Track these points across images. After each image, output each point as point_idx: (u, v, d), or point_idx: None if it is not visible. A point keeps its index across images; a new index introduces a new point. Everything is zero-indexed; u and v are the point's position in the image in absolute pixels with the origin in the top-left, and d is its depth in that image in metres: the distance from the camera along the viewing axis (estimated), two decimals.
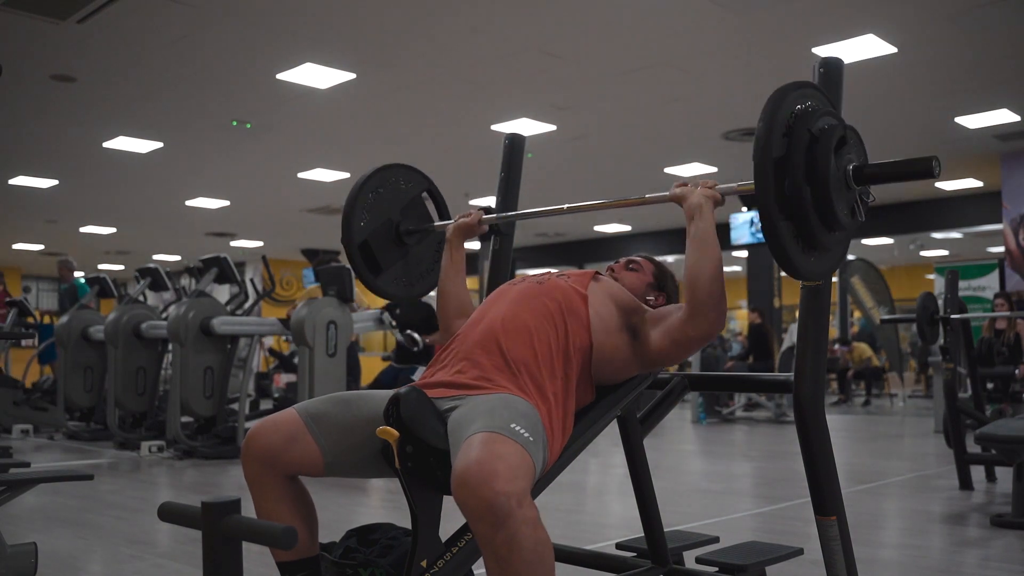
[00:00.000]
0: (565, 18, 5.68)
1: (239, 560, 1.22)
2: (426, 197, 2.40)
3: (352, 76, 6.73)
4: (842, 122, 1.63)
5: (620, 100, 7.48)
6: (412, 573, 1.56)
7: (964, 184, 11.18)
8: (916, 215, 12.52)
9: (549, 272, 1.99)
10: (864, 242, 14.87)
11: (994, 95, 7.51)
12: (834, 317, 13.79)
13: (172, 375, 6.26)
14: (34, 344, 9.63)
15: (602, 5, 5.48)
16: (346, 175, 10.29)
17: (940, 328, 4.84)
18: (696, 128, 8.47)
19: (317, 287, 7.07)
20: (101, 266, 17.91)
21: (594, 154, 9.47)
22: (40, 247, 16.41)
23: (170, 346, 6.47)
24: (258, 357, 12.32)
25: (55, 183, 10.64)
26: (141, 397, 6.92)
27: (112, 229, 14.40)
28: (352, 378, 7.32)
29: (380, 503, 4.45)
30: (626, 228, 14.89)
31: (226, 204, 12.20)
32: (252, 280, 7.68)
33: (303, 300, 6.38)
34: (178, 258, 18.04)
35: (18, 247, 16.36)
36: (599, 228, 14.96)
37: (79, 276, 8.88)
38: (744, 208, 11.85)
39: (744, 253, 12.39)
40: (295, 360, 8.35)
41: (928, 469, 5.56)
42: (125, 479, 5.20)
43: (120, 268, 18.97)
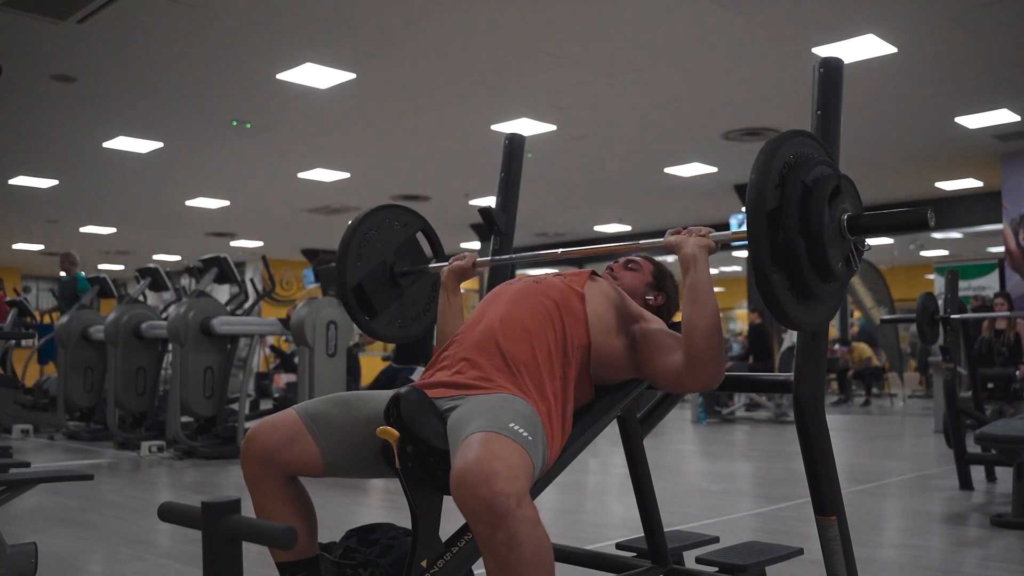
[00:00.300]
0: (565, 18, 5.68)
1: (239, 560, 1.22)
2: (421, 237, 2.38)
3: (352, 76, 6.73)
4: (836, 171, 1.62)
5: (620, 100, 7.48)
6: (412, 573, 1.56)
7: (964, 184, 11.18)
8: None
9: (547, 273, 1.99)
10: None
11: (994, 95, 7.51)
12: (834, 317, 13.78)
13: (172, 375, 6.27)
14: (34, 344, 9.63)
15: (602, 5, 5.48)
16: (346, 175, 10.29)
17: (940, 328, 4.84)
18: (696, 128, 8.47)
19: (317, 287, 7.07)
20: (101, 266, 17.91)
21: (594, 154, 9.47)
22: (40, 247, 16.41)
23: (170, 346, 6.47)
24: (258, 357, 12.33)
25: (55, 183, 10.64)
26: (141, 397, 6.93)
27: (112, 229, 14.41)
28: (352, 378, 7.33)
29: (380, 503, 4.45)
30: (626, 228, 14.89)
31: (226, 204, 12.20)
32: (252, 280, 7.68)
33: (303, 300, 6.38)
34: (178, 258, 18.04)
35: (18, 247, 16.36)
36: (599, 228, 14.96)
37: (81, 273, 8.87)
38: (744, 208, 11.84)
39: (744, 253, 12.40)
40: (296, 359, 8.36)
41: (928, 469, 5.56)
42: (125, 479, 5.20)
43: (120, 268, 18.97)
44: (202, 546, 1.21)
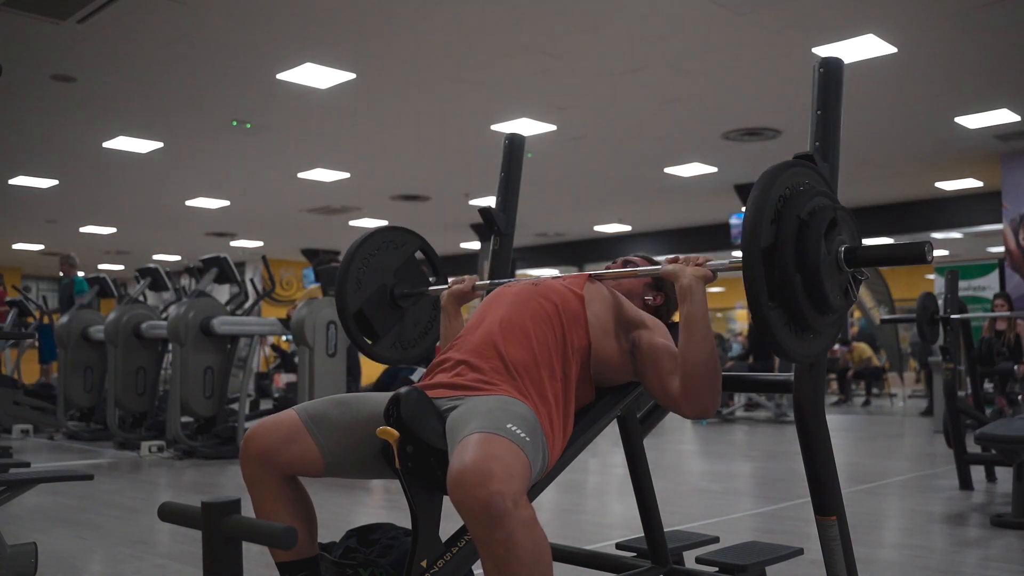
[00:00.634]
0: (565, 18, 5.68)
1: (239, 560, 1.22)
2: (420, 257, 2.38)
3: (352, 76, 6.73)
4: (834, 201, 1.61)
5: (620, 100, 7.48)
6: (412, 573, 1.56)
7: (964, 184, 11.18)
8: (916, 215, 12.51)
9: (546, 275, 1.99)
10: (864, 242, 14.81)
11: (994, 95, 7.51)
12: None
13: (172, 375, 6.27)
14: (34, 344, 9.63)
15: (602, 5, 5.48)
16: (346, 175, 10.29)
17: (940, 328, 4.84)
18: (696, 128, 8.47)
19: (317, 287, 7.07)
20: (101, 266, 17.91)
21: (594, 154, 9.47)
22: (40, 247, 16.41)
23: (170, 346, 6.47)
24: (258, 357, 12.33)
25: (55, 183, 10.64)
26: (141, 397, 6.93)
27: (112, 229, 14.41)
28: (352, 378, 7.33)
29: (380, 503, 4.45)
30: (626, 228, 14.89)
31: (226, 204, 12.20)
32: (252, 280, 7.68)
33: (303, 300, 6.38)
34: (178, 258, 18.04)
35: (18, 247, 16.36)
36: (599, 228, 14.96)
37: (80, 275, 8.87)
38: (744, 208, 11.84)
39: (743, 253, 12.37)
40: (296, 359, 8.36)
41: (928, 469, 5.56)
42: (125, 479, 5.20)
43: (120, 268, 18.97)
44: (202, 546, 1.21)
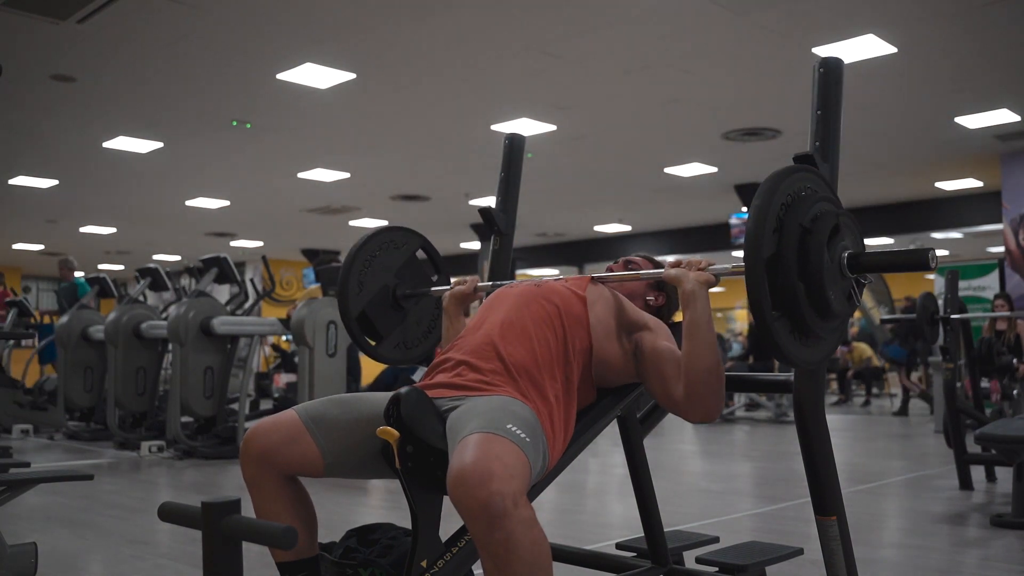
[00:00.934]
0: (565, 18, 5.67)
1: (239, 560, 1.22)
2: (422, 255, 2.38)
3: (352, 76, 6.73)
4: (836, 207, 1.61)
5: (620, 100, 7.48)
6: (412, 573, 1.56)
7: (964, 184, 11.18)
8: (916, 215, 12.51)
9: (548, 276, 1.99)
10: (865, 243, 14.84)
11: (994, 95, 7.51)
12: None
13: (172, 375, 6.27)
14: (34, 344, 9.63)
15: (602, 5, 5.47)
16: (346, 175, 10.30)
17: (940, 328, 4.84)
18: (696, 128, 8.47)
19: (317, 287, 7.07)
20: (101, 266, 17.91)
21: (594, 154, 9.47)
22: (40, 247, 16.41)
23: (170, 346, 6.47)
24: (258, 357, 12.33)
25: (55, 183, 10.64)
26: (141, 397, 6.93)
27: (112, 229, 14.41)
28: (352, 378, 7.33)
29: (380, 503, 4.45)
30: (626, 228, 14.88)
31: (226, 204, 12.20)
32: (252, 280, 7.68)
33: (303, 300, 6.38)
34: (178, 258, 18.04)
35: (18, 247, 16.36)
36: (599, 228, 14.96)
37: (79, 276, 8.88)
38: (744, 208, 11.85)
39: (743, 253, 12.38)
40: (296, 358, 8.36)
41: (928, 469, 5.56)
42: (125, 479, 5.20)
43: (120, 268, 18.98)
44: (202, 546, 1.22)
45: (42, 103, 7.39)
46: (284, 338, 10.69)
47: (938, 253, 1.56)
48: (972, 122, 8.24)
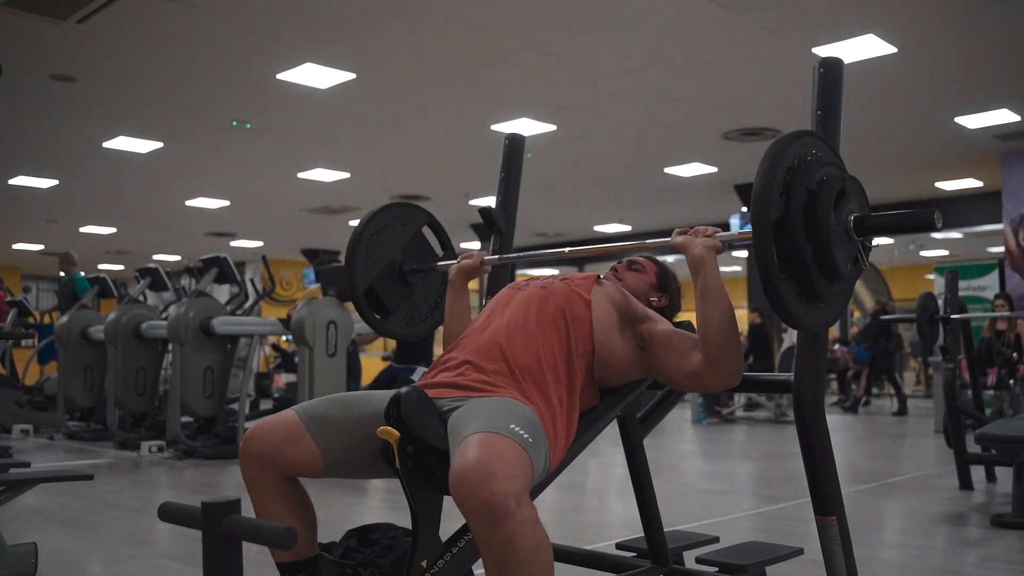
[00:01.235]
0: (565, 18, 5.67)
1: (239, 560, 1.22)
2: (427, 231, 2.39)
3: (352, 76, 6.73)
4: (842, 171, 1.62)
5: (620, 100, 7.48)
6: (412, 573, 1.55)
7: (964, 184, 11.18)
8: None
9: (553, 276, 1.98)
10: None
11: (994, 95, 7.51)
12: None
13: (172, 375, 6.27)
14: (34, 344, 9.63)
15: (602, 5, 5.47)
16: (346, 175, 10.29)
17: (940, 328, 4.84)
18: (696, 128, 8.47)
19: (317, 287, 7.07)
20: (101, 266, 17.91)
21: (594, 154, 9.47)
22: (40, 247, 16.41)
23: (170, 346, 6.47)
24: (258, 357, 12.33)
25: (55, 183, 10.64)
26: (141, 397, 6.93)
27: (112, 229, 14.41)
28: (352, 378, 7.33)
29: (380, 503, 4.45)
30: (626, 228, 14.88)
31: (226, 204, 12.20)
32: (252, 280, 7.68)
33: (303, 300, 6.38)
34: (178, 258, 18.04)
35: (18, 247, 16.36)
36: (599, 228, 14.96)
37: (80, 274, 8.86)
38: (744, 208, 11.85)
39: (744, 253, 12.41)
40: (296, 358, 8.36)
41: (928, 469, 5.56)
42: (125, 479, 5.20)
43: (120, 268, 18.97)
44: (202, 546, 1.21)
45: (42, 103, 7.39)
46: (284, 338, 10.68)
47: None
48: (972, 122, 8.24)
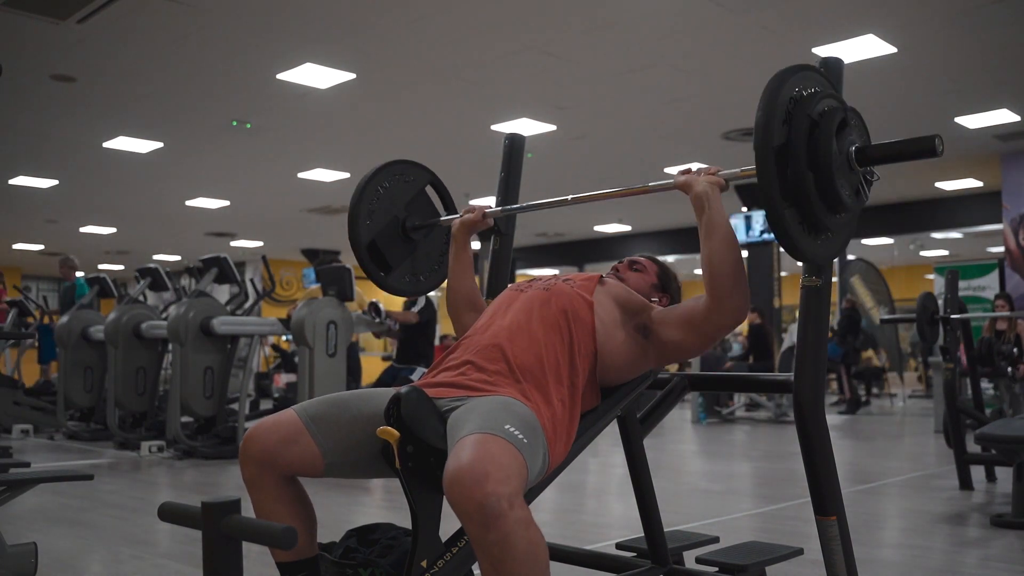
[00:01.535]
0: (565, 18, 5.68)
1: (239, 560, 1.22)
2: (430, 190, 2.40)
3: (352, 76, 6.73)
4: (843, 103, 1.63)
5: (620, 100, 7.48)
6: (412, 573, 1.55)
7: (964, 184, 11.18)
8: (916, 215, 12.51)
9: (555, 276, 1.98)
10: (864, 242, 14.88)
11: (994, 95, 7.52)
12: (834, 317, 13.79)
13: (172, 375, 6.26)
14: (34, 344, 9.63)
15: (602, 5, 5.48)
16: (346, 175, 10.30)
17: (940, 328, 4.84)
18: (696, 128, 8.47)
19: (317, 287, 7.07)
20: (101, 266, 17.91)
21: (594, 154, 9.47)
22: (40, 247, 16.41)
23: (170, 346, 6.47)
24: (258, 357, 12.33)
25: (55, 183, 10.64)
26: (141, 397, 6.92)
27: (112, 229, 14.41)
28: (352, 378, 7.32)
29: (380, 503, 4.45)
30: (626, 228, 14.88)
31: (226, 204, 12.20)
32: (252, 280, 7.68)
33: (303, 300, 6.38)
34: (178, 258, 18.05)
35: (18, 247, 16.36)
36: (599, 228, 14.96)
37: (80, 276, 8.87)
38: (744, 208, 11.86)
39: (744, 253, 12.42)
40: (296, 359, 8.35)
41: (928, 469, 5.56)
42: (125, 479, 5.20)
43: (120, 268, 18.98)
44: (202, 546, 1.21)
45: (42, 103, 7.40)
46: (284, 338, 10.69)
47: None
48: (972, 122, 8.24)
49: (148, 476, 5.36)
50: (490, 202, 2.50)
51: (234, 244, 15.85)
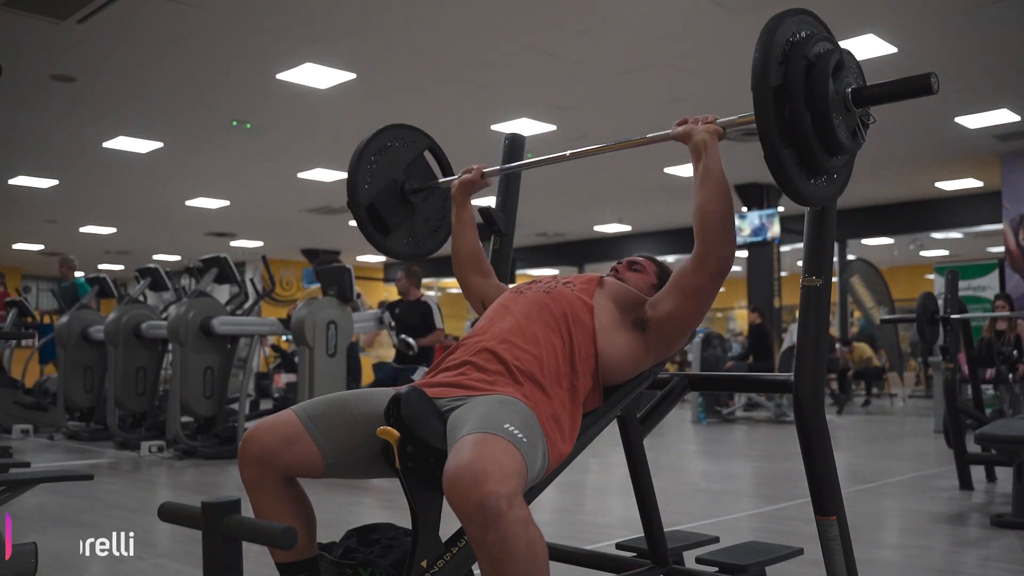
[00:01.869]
0: (565, 18, 5.68)
1: (239, 560, 1.22)
2: (429, 156, 2.43)
3: (352, 76, 6.73)
4: (838, 46, 1.64)
5: (620, 100, 7.48)
6: (412, 573, 1.55)
7: (964, 184, 11.18)
8: (916, 215, 12.52)
9: (555, 278, 1.98)
10: (864, 242, 14.88)
11: (994, 95, 7.52)
12: (834, 317, 13.80)
13: (172, 375, 6.26)
14: (33, 343, 9.63)
15: (602, 5, 5.48)
16: (346, 175, 10.27)
17: (940, 328, 4.84)
18: None
19: (317, 287, 7.08)
20: (101, 266, 17.91)
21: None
22: (40, 247, 16.41)
23: (170, 346, 6.47)
24: (258, 357, 12.33)
25: (55, 183, 10.64)
26: (141, 397, 6.93)
27: (112, 229, 14.41)
28: (352, 378, 7.33)
29: (380, 503, 4.45)
30: (626, 228, 14.88)
31: (226, 204, 12.20)
32: (252, 280, 7.68)
33: (303, 300, 6.38)
34: (178, 258, 18.05)
35: (18, 247, 16.36)
36: (599, 228, 14.96)
37: (79, 276, 8.88)
38: (744, 208, 11.85)
39: (744, 253, 12.42)
40: (296, 359, 8.35)
41: (928, 469, 5.56)
42: (125, 479, 5.20)
43: (120, 268, 18.98)
44: (202, 546, 1.21)
45: (42, 103, 7.40)
46: (284, 338, 10.69)
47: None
48: (972, 122, 8.24)
49: (148, 476, 5.36)
50: (490, 202, 2.51)
51: (234, 244, 15.85)
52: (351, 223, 13.57)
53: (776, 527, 3.72)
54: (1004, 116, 8.06)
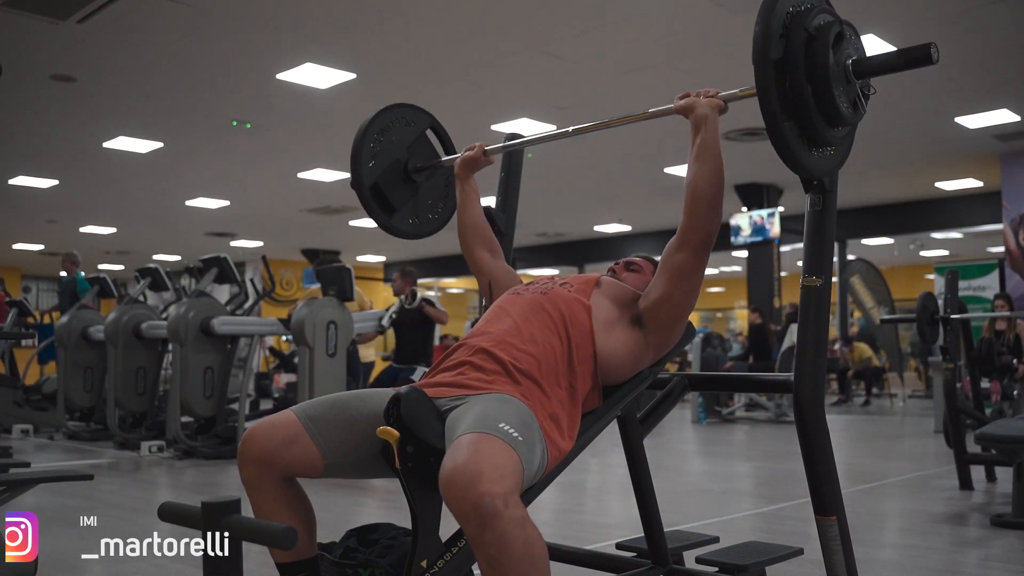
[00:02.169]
0: (565, 18, 5.68)
1: (239, 560, 1.22)
2: (431, 135, 2.43)
3: (352, 76, 6.73)
4: (838, 18, 1.65)
5: (620, 100, 7.48)
6: (412, 573, 1.55)
7: (964, 184, 11.18)
8: (916, 215, 12.52)
9: (552, 279, 1.98)
10: (864, 242, 14.88)
11: (994, 95, 7.51)
12: (834, 317, 13.80)
13: (172, 375, 6.27)
14: (34, 344, 9.63)
15: (602, 5, 5.48)
16: (346, 175, 10.26)
17: (940, 328, 4.84)
18: None
19: (317, 287, 7.07)
20: (101, 266, 17.91)
21: (594, 154, 9.47)
22: (40, 247, 16.41)
23: (170, 346, 6.47)
24: (258, 357, 12.33)
25: (55, 183, 10.64)
26: (141, 397, 6.93)
27: (112, 229, 14.41)
28: (352, 378, 7.33)
29: (380, 503, 4.45)
30: (626, 228, 14.88)
31: (226, 204, 12.20)
32: (252, 280, 7.68)
33: (303, 300, 6.38)
34: (178, 258, 18.05)
35: (18, 247, 16.36)
36: (599, 228, 14.96)
37: (80, 274, 8.87)
38: (744, 208, 11.85)
39: (744, 253, 12.41)
40: (296, 360, 8.35)
41: (928, 469, 5.56)
42: (125, 479, 5.20)
43: (120, 268, 18.98)
44: (202, 546, 1.21)
45: (42, 103, 7.40)
46: (284, 338, 10.69)
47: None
48: (972, 122, 8.24)
49: (148, 476, 5.36)
50: (490, 202, 2.50)
51: (234, 244, 15.85)
52: (351, 223, 13.57)
53: (776, 527, 3.72)
54: (1004, 116, 8.06)
